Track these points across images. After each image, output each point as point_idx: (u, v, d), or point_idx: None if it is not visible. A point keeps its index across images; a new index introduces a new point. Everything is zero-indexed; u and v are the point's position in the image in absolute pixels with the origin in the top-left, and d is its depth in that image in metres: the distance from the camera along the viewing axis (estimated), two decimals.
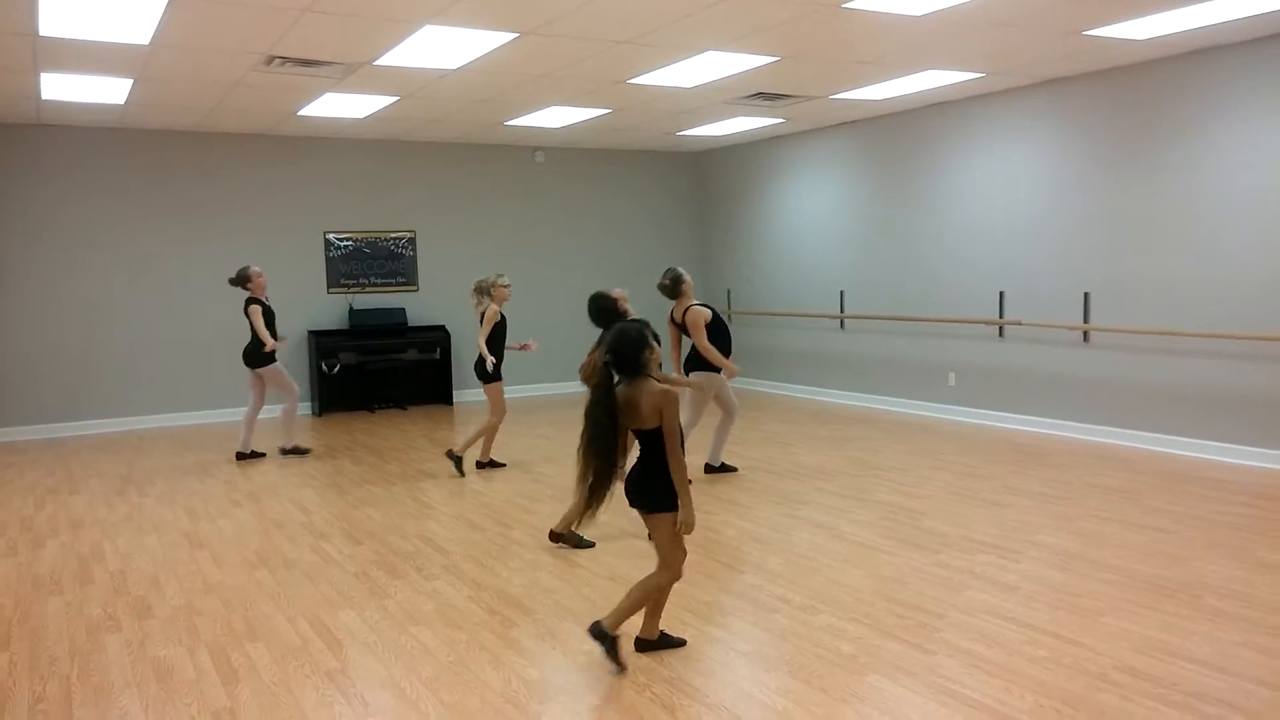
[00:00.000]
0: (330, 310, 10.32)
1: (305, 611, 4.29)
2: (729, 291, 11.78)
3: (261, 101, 8.06)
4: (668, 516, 3.51)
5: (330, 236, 10.34)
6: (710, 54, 6.65)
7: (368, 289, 10.53)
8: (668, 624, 3.80)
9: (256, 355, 7.68)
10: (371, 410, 10.46)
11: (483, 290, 7.00)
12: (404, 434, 9.00)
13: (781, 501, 6.05)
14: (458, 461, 7.04)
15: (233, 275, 7.81)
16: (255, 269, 7.71)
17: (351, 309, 10.35)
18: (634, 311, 5.58)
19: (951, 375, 9.06)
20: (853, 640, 3.80)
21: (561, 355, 11.17)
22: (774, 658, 3.65)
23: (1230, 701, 3.21)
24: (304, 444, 8.29)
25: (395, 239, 10.67)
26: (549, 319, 11.12)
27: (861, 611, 4.11)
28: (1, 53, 6.22)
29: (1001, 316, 8.50)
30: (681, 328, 6.56)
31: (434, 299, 10.87)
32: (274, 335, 7.66)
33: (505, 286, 7.01)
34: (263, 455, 7.93)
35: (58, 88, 7.32)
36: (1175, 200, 7.15)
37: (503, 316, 6.97)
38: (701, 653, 3.71)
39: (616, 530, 5.45)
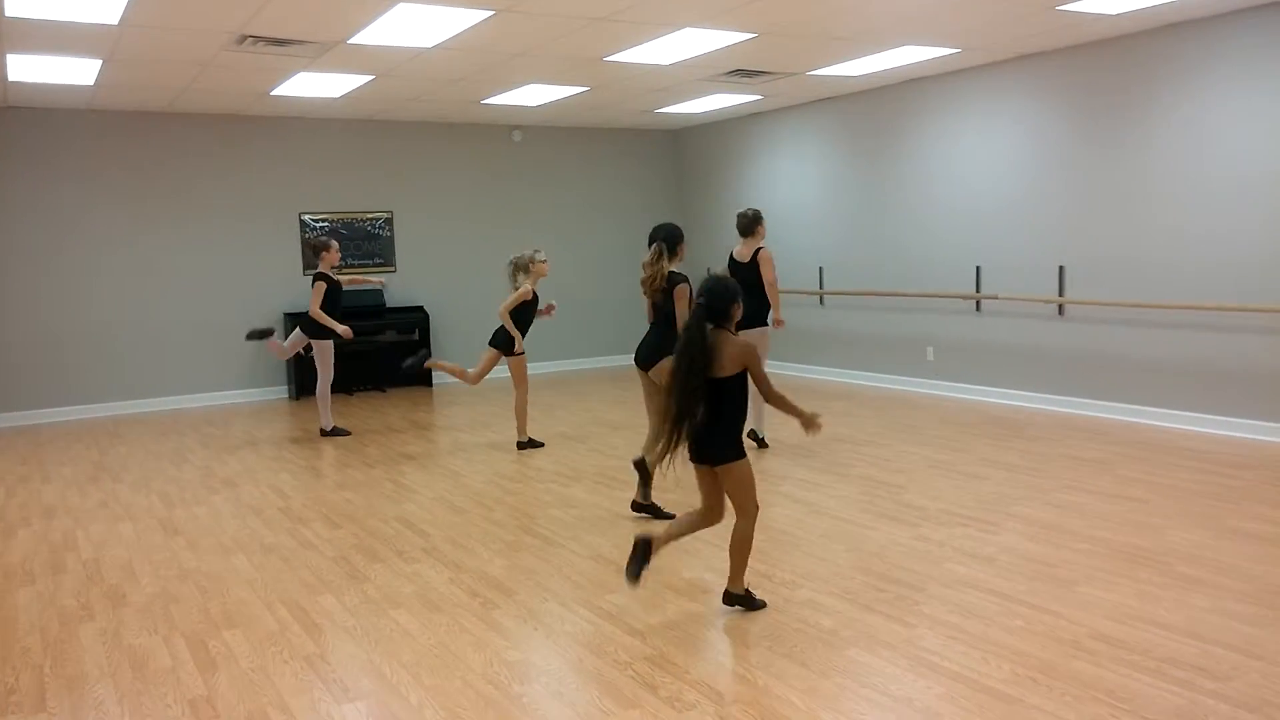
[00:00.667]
0: (306, 292, 10.19)
1: (283, 597, 4.27)
2: (708, 270, 11.68)
3: (234, 81, 7.94)
4: (736, 466, 3.70)
5: (306, 217, 10.23)
6: (687, 31, 6.60)
7: (344, 270, 10.44)
8: (654, 599, 3.80)
9: (312, 326, 7.75)
10: (350, 393, 10.40)
11: (520, 266, 7.00)
12: (383, 416, 8.96)
13: (761, 477, 6.04)
14: (529, 443, 7.23)
15: (312, 243, 7.93)
16: (334, 242, 7.84)
17: None
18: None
19: (930, 350, 9.10)
20: (833, 614, 3.82)
21: (541, 334, 11.12)
22: (755, 633, 3.67)
23: (1201, 666, 3.25)
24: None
25: (372, 219, 10.57)
26: None
27: (842, 586, 4.13)
28: None
29: (978, 291, 8.53)
30: (745, 269, 6.63)
31: (412, 279, 10.79)
32: (338, 310, 7.77)
33: (544, 262, 7.02)
34: (347, 433, 8.07)
35: (25, 69, 7.18)
36: (1149, 173, 7.18)
37: (535, 295, 7.01)
38: (683, 629, 3.72)
39: (601, 511, 5.46)
